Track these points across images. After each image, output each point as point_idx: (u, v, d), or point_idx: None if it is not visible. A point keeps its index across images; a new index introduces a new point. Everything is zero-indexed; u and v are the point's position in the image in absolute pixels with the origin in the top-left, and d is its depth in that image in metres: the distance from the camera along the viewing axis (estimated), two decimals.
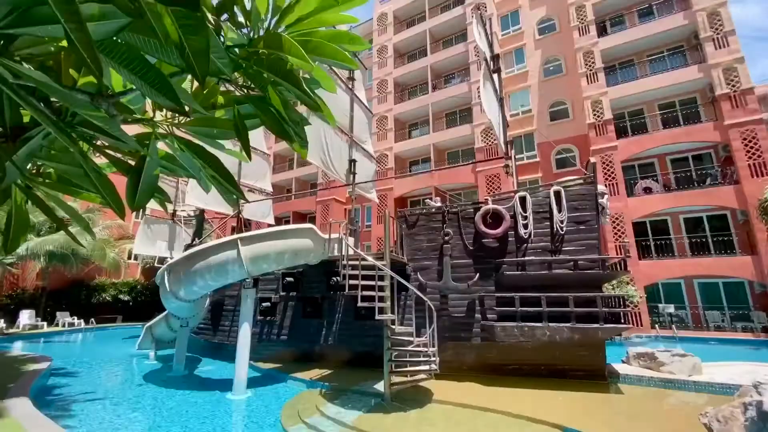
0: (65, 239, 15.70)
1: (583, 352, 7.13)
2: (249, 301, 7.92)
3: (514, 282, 7.52)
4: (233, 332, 10.43)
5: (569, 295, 6.94)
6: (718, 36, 15.03)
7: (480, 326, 7.61)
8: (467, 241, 8.12)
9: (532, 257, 7.56)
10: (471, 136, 21.05)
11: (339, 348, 8.79)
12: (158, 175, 1.89)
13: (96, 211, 20.37)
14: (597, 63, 17.37)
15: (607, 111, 16.65)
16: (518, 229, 7.74)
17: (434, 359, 6.31)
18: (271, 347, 9.55)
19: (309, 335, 9.16)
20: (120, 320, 20.35)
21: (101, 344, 13.88)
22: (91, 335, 16.32)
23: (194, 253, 7.70)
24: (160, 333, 10.64)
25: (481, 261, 7.92)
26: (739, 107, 14.17)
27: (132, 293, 21.29)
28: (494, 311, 7.53)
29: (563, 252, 7.50)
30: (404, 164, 24.47)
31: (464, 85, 21.87)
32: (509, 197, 8.16)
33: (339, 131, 12.32)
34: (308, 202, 27.25)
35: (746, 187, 13.57)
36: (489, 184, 19.13)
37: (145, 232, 16.20)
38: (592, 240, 7.40)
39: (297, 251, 8.17)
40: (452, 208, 8.42)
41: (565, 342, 7.04)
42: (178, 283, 7.77)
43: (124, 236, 22.46)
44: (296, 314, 9.52)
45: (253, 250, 7.60)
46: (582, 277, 7.15)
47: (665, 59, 17.36)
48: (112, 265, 19.11)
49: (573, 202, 7.65)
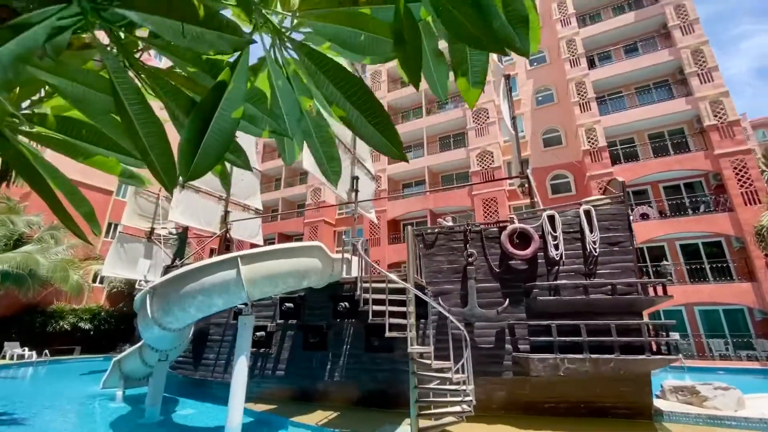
0: (23, 258, 13.88)
1: (627, 388, 6.43)
2: (247, 330, 6.82)
3: (547, 308, 6.85)
4: (220, 366, 9.11)
5: (611, 323, 6.33)
6: (702, 71, 15.86)
7: (512, 358, 6.81)
8: (492, 263, 7.46)
9: (565, 281, 6.96)
10: (466, 159, 21.01)
11: (346, 385, 7.69)
12: (239, 119, 1.12)
13: (60, 228, 18.49)
14: (589, 93, 17.93)
15: (602, 138, 17.00)
16: (548, 251, 7.18)
17: (470, 397, 5.43)
18: (265, 384, 8.30)
19: (311, 370, 8.02)
20: (78, 352, 18.03)
21: (56, 381, 11.95)
22: (43, 370, 14.17)
23: (185, 273, 6.62)
24: (131, 368, 9.12)
25: (509, 285, 7.24)
26: (728, 138, 14.73)
27: (94, 321, 19.05)
28: (527, 341, 6.79)
29: (598, 275, 6.95)
30: (397, 186, 24.05)
31: (459, 110, 22.07)
32: (535, 216, 7.65)
33: (342, 146, 11.71)
34: (295, 223, 26.14)
35: (741, 214, 13.84)
36: (486, 207, 18.86)
37: (118, 251, 14.61)
38: (628, 262, 6.92)
39: (304, 272, 7.23)
40: (474, 227, 7.80)
41: (607, 376, 6.36)
42: (164, 309, 6.60)
43: (90, 257, 20.42)
44: (296, 345, 8.38)
45: (255, 271, 6.62)
46: (620, 303, 6.58)
47: (652, 92, 18.15)
48: (75, 288, 17.07)
49: (604, 222, 7.22)
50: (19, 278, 14.33)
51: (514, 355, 6.76)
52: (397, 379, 7.28)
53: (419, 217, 21.59)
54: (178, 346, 8.25)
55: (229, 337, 9.32)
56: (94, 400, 9.06)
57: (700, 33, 16.34)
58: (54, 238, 17.92)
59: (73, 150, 1.34)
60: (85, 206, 1.39)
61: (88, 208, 1.40)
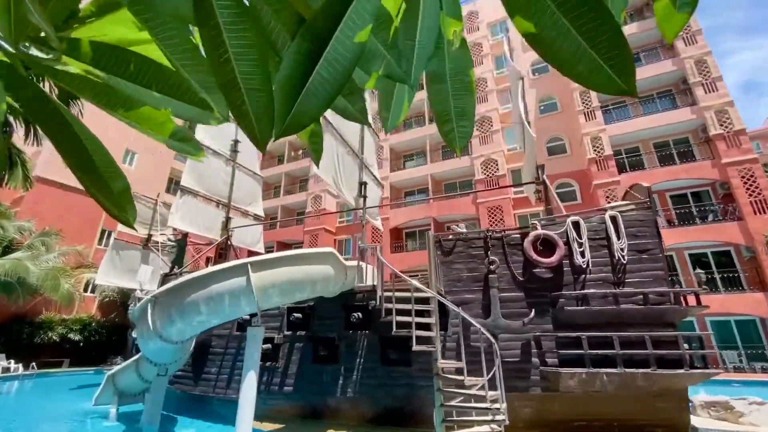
0: (12, 265, 13.22)
1: (664, 404, 6.04)
2: (256, 342, 6.35)
3: (575, 319, 6.49)
4: (222, 381, 8.55)
5: (645, 334, 5.98)
6: (706, 81, 15.93)
7: (539, 373, 6.40)
8: (515, 271, 7.10)
9: (593, 290, 6.62)
10: (469, 167, 20.84)
11: (360, 401, 7.20)
12: (363, 45, 0.76)
13: (53, 234, 17.84)
14: (594, 102, 17.94)
15: (607, 147, 16.93)
16: (574, 258, 6.85)
17: (503, 416, 5.00)
18: (272, 401, 7.77)
19: (321, 385, 7.52)
20: (66, 364, 17.19)
21: (44, 396, 11.23)
22: (29, 383, 13.39)
23: (190, 280, 6.18)
24: (126, 384, 8.52)
25: (534, 294, 6.88)
26: (734, 147, 14.70)
27: (84, 332, 18.24)
28: (554, 354, 6.40)
29: (627, 284, 6.63)
30: (399, 194, 23.76)
31: None
32: (558, 222, 7.34)
33: (351, 151, 11.42)
34: (295, 231, 25.66)
35: (750, 223, 13.70)
36: (491, 215, 18.59)
37: (113, 259, 14.05)
38: (659, 270, 6.61)
39: (317, 280, 6.83)
40: (495, 233, 7.46)
41: (641, 392, 5.99)
42: (167, 320, 6.13)
43: (83, 265, 19.71)
44: (305, 358, 7.89)
45: (266, 278, 6.20)
46: (654, 313, 6.24)
47: (656, 101, 18.20)
48: (65, 298, 16.33)
49: (631, 229, 6.92)
50: (7, 286, 13.64)
51: (542, 369, 6.36)
52: (415, 395, 6.83)
53: (422, 225, 21.25)
54: (179, 360, 7.74)
55: (232, 349, 8.80)
56: (86, 417, 8.43)
57: (703, 44, 16.48)
58: (45, 245, 17.24)
59: (111, 97, 0.97)
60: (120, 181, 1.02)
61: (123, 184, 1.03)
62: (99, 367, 17.24)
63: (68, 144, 0.90)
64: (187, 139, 1.10)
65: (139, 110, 1.00)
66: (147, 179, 24.02)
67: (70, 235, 19.26)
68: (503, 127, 20.93)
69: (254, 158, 15.98)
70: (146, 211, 15.28)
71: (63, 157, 0.92)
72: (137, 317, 6.97)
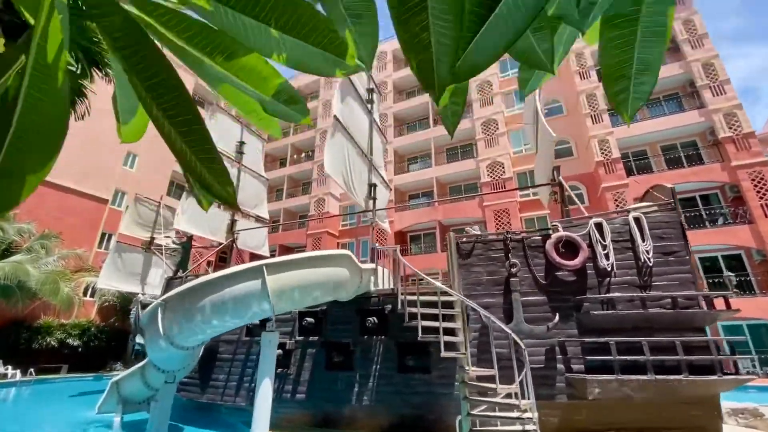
0: (12, 268, 12.90)
1: (695, 412, 5.82)
2: (271, 348, 6.11)
3: (600, 323, 6.28)
4: (230, 389, 8.27)
5: (676, 339, 5.77)
6: (714, 84, 15.88)
7: (565, 380, 6.17)
8: (537, 275, 6.89)
9: (618, 293, 6.41)
10: (474, 170, 20.70)
11: (377, 410, 6.93)
12: None
13: (52, 237, 17.52)
14: (600, 105, 17.86)
15: (615, 150, 16.83)
16: (598, 261, 6.65)
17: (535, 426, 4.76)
18: (284, 409, 7.48)
19: (335, 393, 7.26)
20: (65, 370, 16.77)
21: (42, 404, 10.88)
22: (27, 390, 13.01)
23: (203, 284, 5.94)
24: (131, 391, 8.23)
25: (558, 298, 6.66)
26: (744, 150, 14.62)
27: (83, 337, 17.83)
28: (580, 360, 6.17)
29: (653, 287, 6.42)
30: (404, 197, 23.57)
31: (467, 121, 21.88)
32: (580, 224, 7.15)
33: (360, 152, 11.23)
34: (298, 234, 25.40)
35: (761, 226, 13.58)
36: (497, 218, 18.41)
37: (115, 262, 13.74)
38: (686, 273, 6.41)
39: (332, 283, 6.60)
40: (515, 235, 7.26)
41: (671, 399, 5.77)
42: (178, 324, 5.88)
43: (82, 268, 19.35)
44: (318, 365, 7.62)
45: (281, 281, 5.97)
46: (683, 317, 6.04)
47: (662, 105, 18.16)
48: (65, 302, 15.97)
49: (656, 230, 6.74)
50: (6, 290, 13.30)
51: (568, 376, 6.13)
52: (435, 403, 6.57)
53: (427, 228, 21.05)
54: (187, 366, 7.46)
55: (241, 355, 8.52)
56: (89, 427, 8.11)
57: (710, 47, 16.47)
58: (44, 248, 16.91)
59: (210, 39, 0.76)
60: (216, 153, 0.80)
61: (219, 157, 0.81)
62: (98, 373, 16.87)
63: (170, 99, 0.69)
64: (294, 101, 0.89)
65: (244, 58, 0.79)
66: (148, 182, 23.77)
67: (69, 237, 18.93)
68: (509, 130, 20.83)
69: (259, 160, 15.77)
70: (149, 214, 15.02)
71: (158, 118, 0.71)
72: (145, 322, 6.71)
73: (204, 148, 0.71)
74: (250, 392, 7.98)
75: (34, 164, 0.76)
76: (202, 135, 0.70)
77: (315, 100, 29.31)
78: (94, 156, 21.51)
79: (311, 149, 28.34)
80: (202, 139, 0.70)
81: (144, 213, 14.76)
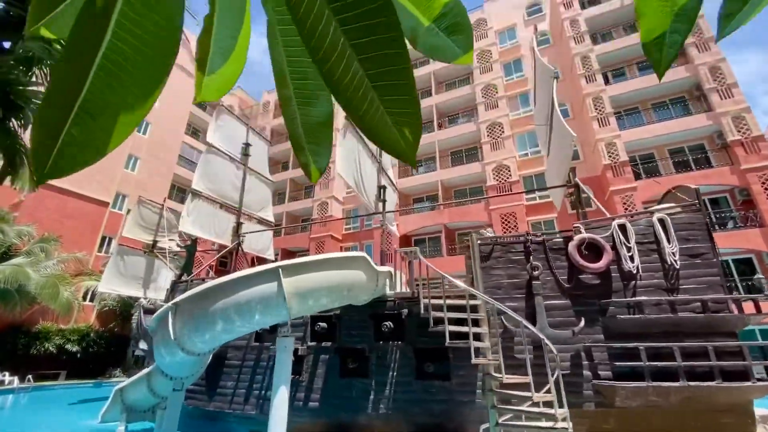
0: (12, 271, 12.58)
1: (728, 419, 5.60)
2: (287, 354, 5.86)
3: (627, 328, 6.07)
4: (239, 397, 7.98)
5: (708, 344, 5.56)
6: (721, 88, 15.85)
7: (592, 387, 5.94)
8: (560, 278, 6.69)
9: (646, 297, 6.21)
10: (480, 174, 20.57)
11: (394, 418, 6.67)
12: None
13: (52, 240, 17.22)
14: (607, 108, 17.80)
15: (623, 152, 16.73)
16: (622, 263, 6.45)
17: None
18: (296, 418, 7.18)
19: (350, 400, 6.99)
20: (63, 377, 16.38)
21: (42, 412, 10.53)
22: (25, 398, 12.64)
23: (217, 286, 5.70)
24: (136, 399, 7.91)
25: (582, 302, 6.46)
26: (754, 153, 14.54)
27: (82, 343, 17.44)
28: (608, 366, 5.95)
29: (681, 291, 6.23)
30: (408, 201, 23.40)
31: (471, 124, 21.82)
32: (602, 225, 6.97)
33: (370, 154, 11.06)
34: (300, 238, 25.15)
35: None
36: (504, 222, 18.24)
37: (117, 265, 13.45)
38: (714, 276, 6.22)
39: (349, 287, 6.37)
40: (535, 237, 7.07)
41: (703, 406, 5.55)
42: (190, 329, 5.63)
43: (82, 272, 19.02)
44: (331, 371, 7.36)
45: (299, 284, 5.74)
46: (715, 322, 5.84)
47: (669, 108, 18.12)
48: (64, 307, 15.64)
49: (681, 232, 6.56)
50: (5, 294, 12.98)
51: (596, 383, 5.90)
52: (455, 411, 6.33)
53: (433, 232, 20.85)
54: (196, 373, 7.20)
55: (250, 362, 8.25)
56: None
57: (716, 50, 16.47)
58: (44, 251, 16.61)
59: None
60: None
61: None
62: (98, 380, 16.48)
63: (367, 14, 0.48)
64: (459, 29, 0.68)
65: None
66: (150, 184, 23.52)
67: (69, 241, 18.64)
68: (514, 134, 20.74)
69: (265, 163, 15.57)
70: (152, 217, 14.76)
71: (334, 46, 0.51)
72: (154, 327, 6.45)
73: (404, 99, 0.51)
74: (260, 400, 7.71)
75: (130, 98, 0.56)
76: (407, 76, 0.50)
77: None
78: None
79: None
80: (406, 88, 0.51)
81: (147, 215, 14.50)
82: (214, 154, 12.55)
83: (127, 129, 0.55)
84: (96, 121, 0.53)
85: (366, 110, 0.54)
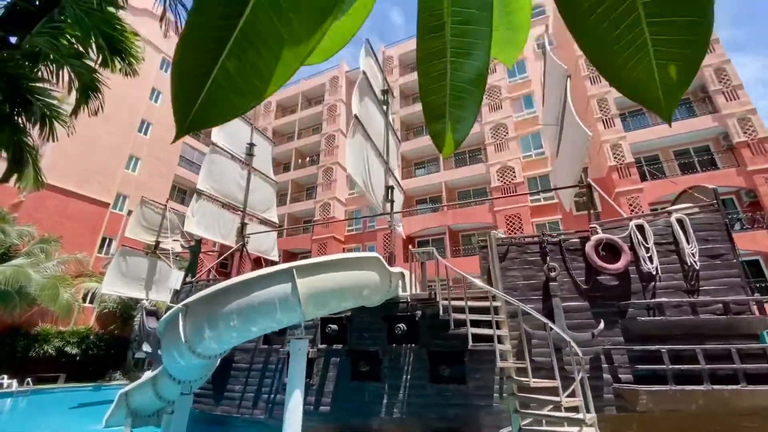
0: (13, 272, 12.37)
1: (751, 423, 5.48)
2: (301, 356, 5.71)
3: (648, 330, 5.95)
4: (247, 401, 7.82)
5: (732, 347, 5.44)
6: (726, 89, 15.84)
7: (613, 391, 5.81)
8: (578, 279, 6.57)
9: (666, 298, 6.10)
10: (484, 175, 20.49)
11: (407, 423, 6.52)
12: None
13: (52, 241, 17.00)
14: (612, 109, 17.77)
15: (628, 154, 16.68)
16: (641, 264, 6.34)
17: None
18: (307, 422, 6.99)
19: (362, 405, 6.83)
20: (62, 380, 16.12)
21: (42, 416, 10.31)
22: (24, 401, 12.40)
23: (229, 287, 5.56)
24: (141, 403, 7.74)
25: (600, 304, 6.34)
26: (760, 154, 14.50)
27: (82, 345, 17.18)
28: (628, 369, 5.83)
29: (701, 292, 6.12)
30: (411, 202, 23.27)
31: (476, 125, 21.74)
32: (619, 226, 6.86)
33: (378, 154, 10.95)
34: (302, 240, 24.99)
35: None
36: (509, 224, 18.13)
37: (119, 266, 13.25)
38: (734, 277, 6.12)
39: (363, 288, 6.24)
40: (551, 237, 6.95)
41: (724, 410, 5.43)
42: (202, 331, 5.48)
43: (82, 273, 18.78)
44: (343, 375, 7.21)
45: (313, 285, 5.60)
46: (737, 324, 5.72)
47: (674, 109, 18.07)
48: (64, 308, 15.42)
49: (700, 233, 6.46)
50: (5, 295, 12.75)
51: (617, 387, 5.77)
52: (471, 415, 6.18)
53: (436, 234, 20.72)
54: (204, 376, 7.04)
55: (259, 365, 8.09)
56: None
57: (721, 52, 16.47)
58: (44, 252, 16.40)
59: None
60: None
61: None
62: (98, 383, 16.23)
63: None
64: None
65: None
66: (151, 185, 23.33)
67: (69, 242, 18.41)
68: (518, 135, 20.68)
69: (269, 163, 15.46)
70: (155, 217, 14.58)
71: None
72: (162, 329, 6.29)
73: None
74: (269, 404, 7.55)
75: (295, 34, 0.43)
76: None
77: (319, 105, 29.15)
78: (96, 158, 21.10)
79: (316, 153, 28.08)
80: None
81: (149, 216, 14.33)
82: (218, 154, 12.42)
83: (293, 65, 0.43)
84: (261, 54, 0.41)
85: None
